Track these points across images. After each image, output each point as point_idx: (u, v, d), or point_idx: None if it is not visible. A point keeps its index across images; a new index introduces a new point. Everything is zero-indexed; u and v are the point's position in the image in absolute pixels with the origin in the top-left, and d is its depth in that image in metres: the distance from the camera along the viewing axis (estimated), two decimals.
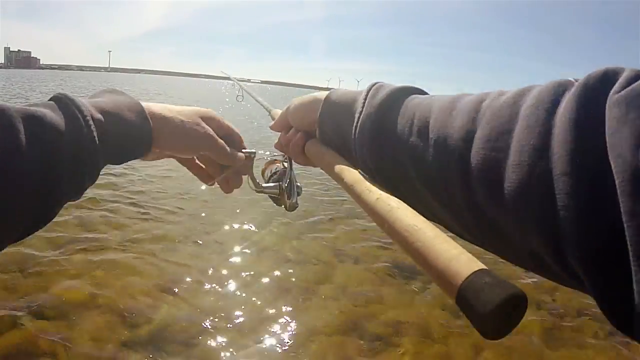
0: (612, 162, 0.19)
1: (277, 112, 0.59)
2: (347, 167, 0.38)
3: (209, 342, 1.88)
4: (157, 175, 4.35)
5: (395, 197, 0.31)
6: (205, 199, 3.69)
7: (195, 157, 0.53)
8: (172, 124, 0.45)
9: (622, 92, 0.20)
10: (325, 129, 0.44)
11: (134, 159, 0.44)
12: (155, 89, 28.60)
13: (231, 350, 1.85)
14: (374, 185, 0.33)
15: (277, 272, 2.57)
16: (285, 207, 0.53)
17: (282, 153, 0.55)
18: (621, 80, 0.21)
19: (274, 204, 0.56)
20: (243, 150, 0.54)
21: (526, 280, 2.61)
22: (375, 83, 0.40)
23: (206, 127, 0.48)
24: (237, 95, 1.73)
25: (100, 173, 0.43)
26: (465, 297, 0.21)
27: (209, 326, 1.99)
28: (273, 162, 0.59)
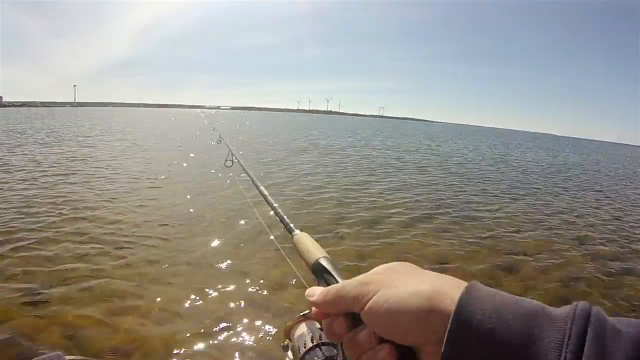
0: None
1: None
2: None
3: None
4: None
5: None
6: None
7: None
8: None
9: None
10: None
11: None
12: (124, 123, 28.32)
13: None
14: None
15: None
16: None
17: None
18: None
19: None
20: None
21: None
22: (583, 313, 0.29)
23: None
24: (226, 160, 1.57)
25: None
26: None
27: None
28: (304, 321, 0.56)
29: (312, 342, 0.50)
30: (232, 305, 3.06)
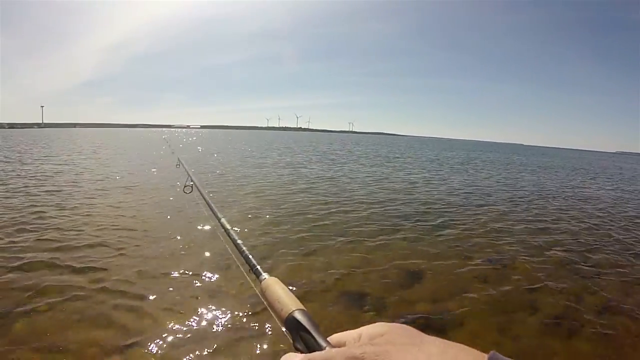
0: None
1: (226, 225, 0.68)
2: None
3: None
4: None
5: None
6: None
7: None
8: None
9: None
10: None
11: None
12: (94, 142, 29.18)
13: None
14: None
15: None
16: None
17: None
18: None
19: None
20: None
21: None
22: None
23: None
24: (185, 186, 1.50)
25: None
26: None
27: None
28: None
29: None
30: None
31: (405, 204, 7.89)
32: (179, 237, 4.88)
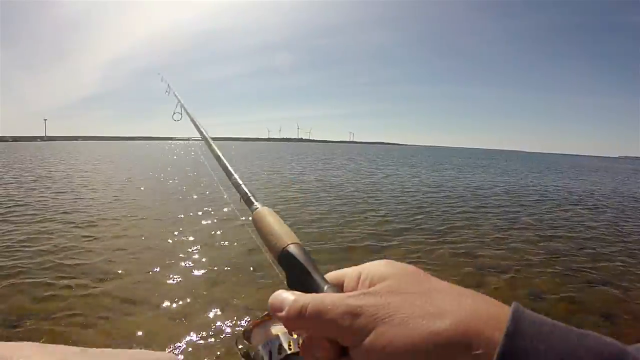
0: None
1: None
2: None
3: None
4: None
5: None
6: None
7: None
8: None
9: None
10: None
11: None
12: (99, 155, 30.58)
13: None
14: None
15: None
16: None
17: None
18: None
19: None
20: None
21: None
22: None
23: None
24: (174, 113, 1.51)
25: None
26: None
27: None
28: (268, 322, 0.42)
29: (280, 354, 0.37)
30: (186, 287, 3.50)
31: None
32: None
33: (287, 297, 0.33)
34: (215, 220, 6.48)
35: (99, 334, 2.93)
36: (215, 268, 4.17)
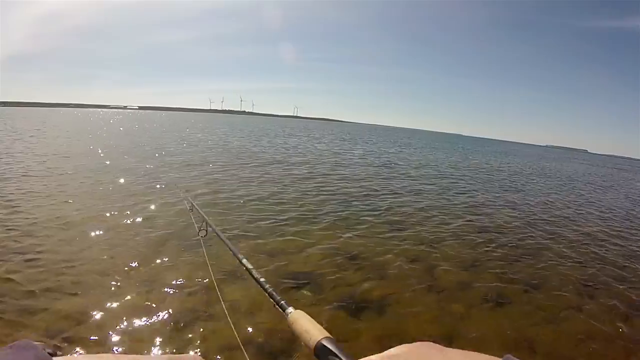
0: None
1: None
2: None
3: None
4: None
5: None
6: None
7: None
8: None
9: None
10: None
11: None
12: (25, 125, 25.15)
13: None
14: None
15: None
16: None
17: None
18: None
19: None
20: None
21: None
22: None
23: None
24: (200, 230, 1.51)
25: None
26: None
27: None
28: None
29: None
30: None
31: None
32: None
33: None
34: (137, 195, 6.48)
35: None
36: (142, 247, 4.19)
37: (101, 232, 4.53)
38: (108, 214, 5.27)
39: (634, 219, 9.03)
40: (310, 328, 0.58)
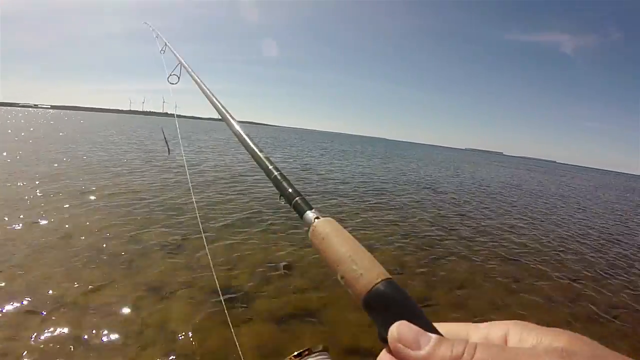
0: None
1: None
2: None
3: None
4: None
5: None
6: None
7: None
8: None
9: None
10: None
11: None
12: None
13: None
14: None
15: None
16: None
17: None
18: None
19: None
20: None
21: None
22: None
23: None
24: (170, 75, 1.61)
25: None
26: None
27: None
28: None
29: None
30: None
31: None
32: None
33: (423, 332, 0.27)
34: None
35: None
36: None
37: None
38: None
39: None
40: (359, 259, 0.34)
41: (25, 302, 3.01)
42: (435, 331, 0.29)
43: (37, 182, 7.21)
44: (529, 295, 4.29)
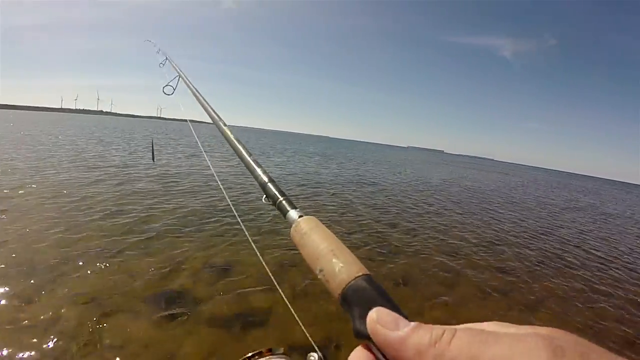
0: None
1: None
2: None
3: None
4: None
5: None
6: None
7: None
8: None
9: None
10: None
11: None
12: None
13: None
14: None
15: None
16: None
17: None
18: None
19: None
20: None
21: None
22: None
23: None
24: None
25: None
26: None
27: None
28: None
29: None
30: None
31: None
32: None
33: (402, 318, 0.27)
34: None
35: None
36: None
37: None
38: None
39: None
40: (338, 255, 0.35)
41: None
42: None
43: None
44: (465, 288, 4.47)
